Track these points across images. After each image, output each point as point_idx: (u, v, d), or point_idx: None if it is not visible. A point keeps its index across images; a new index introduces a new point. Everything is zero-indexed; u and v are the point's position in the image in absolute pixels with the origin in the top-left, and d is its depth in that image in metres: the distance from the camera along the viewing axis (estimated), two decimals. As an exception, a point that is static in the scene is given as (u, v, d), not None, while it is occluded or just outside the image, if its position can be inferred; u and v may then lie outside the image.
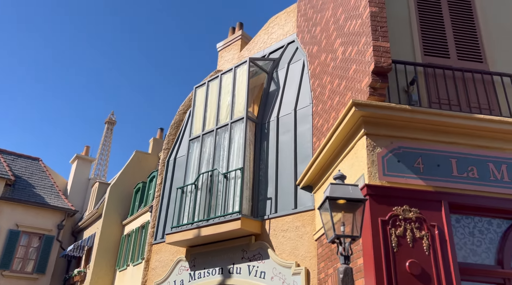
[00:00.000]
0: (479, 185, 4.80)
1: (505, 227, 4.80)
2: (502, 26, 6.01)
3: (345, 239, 3.80)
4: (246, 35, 11.41)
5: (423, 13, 5.96)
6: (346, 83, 5.96)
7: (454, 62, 5.67)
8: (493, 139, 5.02)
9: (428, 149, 4.93)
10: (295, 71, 8.80)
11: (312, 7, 8.48)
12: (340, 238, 3.80)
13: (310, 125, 7.67)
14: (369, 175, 4.73)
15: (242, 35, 11.29)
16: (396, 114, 4.86)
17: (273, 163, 7.86)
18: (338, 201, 3.95)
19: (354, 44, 5.69)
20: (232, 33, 11.79)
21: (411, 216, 4.51)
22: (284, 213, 7.20)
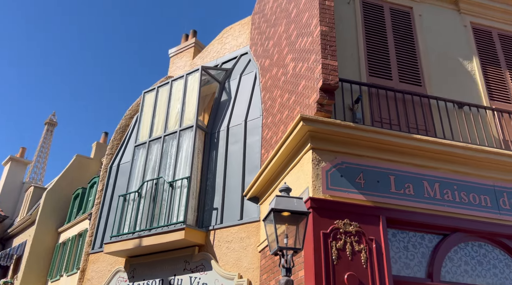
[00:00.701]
0: (414, 201, 5.08)
1: (435, 241, 5.11)
2: (439, 55, 6.48)
3: (288, 251, 3.85)
4: (199, 43, 11.36)
5: (370, 36, 6.28)
6: (295, 98, 6.11)
7: (396, 84, 6.01)
8: (428, 159, 5.35)
9: (369, 165, 5.15)
10: (247, 83, 8.88)
11: (266, 21, 8.64)
12: (282, 250, 3.84)
13: (260, 137, 7.75)
14: (313, 189, 4.85)
15: (196, 43, 11.23)
16: (341, 130, 5.04)
17: (221, 173, 7.82)
18: (283, 213, 4.00)
19: (305, 61, 5.86)
20: (185, 40, 11.69)
21: (351, 229, 4.67)
22: (230, 224, 7.17)
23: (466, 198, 5.26)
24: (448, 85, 6.22)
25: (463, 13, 6.97)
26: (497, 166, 5.50)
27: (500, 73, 6.61)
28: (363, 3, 6.49)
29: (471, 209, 5.20)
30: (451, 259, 5.08)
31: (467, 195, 5.28)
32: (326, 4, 5.60)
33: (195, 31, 11.43)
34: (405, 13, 6.65)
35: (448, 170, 5.37)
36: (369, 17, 6.41)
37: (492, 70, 6.60)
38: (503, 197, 5.39)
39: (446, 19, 6.86)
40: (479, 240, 5.23)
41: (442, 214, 5.09)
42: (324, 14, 5.54)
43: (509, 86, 6.53)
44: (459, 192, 5.27)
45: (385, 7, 6.58)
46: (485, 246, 5.25)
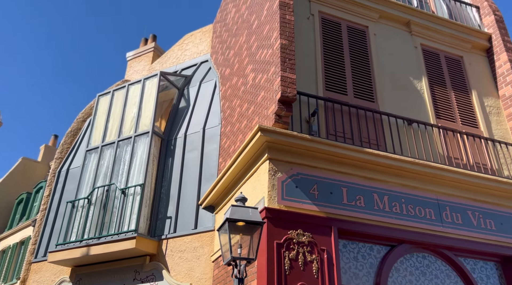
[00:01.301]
0: (365, 213, 5.26)
1: (383, 252, 5.30)
2: (391, 73, 6.80)
3: (241, 262, 3.84)
4: (159, 48, 11.20)
5: (327, 52, 6.48)
6: (254, 108, 6.16)
7: (350, 99, 6.23)
8: (379, 172, 5.57)
9: (323, 177, 5.28)
10: (206, 91, 8.84)
11: (227, 31, 8.69)
12: (236, 260, 3.83)
13: (218, 145, 7.72)
14: (269, 199, 4.89)
15: (155, 47, 11.06)
16: (297, 142, 5.14)
17: (176, 181, 7.69)
18: (238, 223, 4.00)
19: (264, 72, 5.94)
20: (145, 44, 11.48)
21: (304, 240, 4.74)
22: (184, 233, 7.05)
23: (412, 211, 5.51)
24: (399, 102, 6.54)
25: (414, 35, 7.37)
26: (441, 181, 5.82)
27: (446, 93, 7.04)
28: (322, 19, 6.70)
29: (416, 221, 5.46)
30: (397, 269, 5.29)
31: (414, 208, 5.54)
32: (286, 18, 5.73)
33: (154, 35, 11.26)
34: (361, 31, 6.94)
35: (397, 183, 5.61)
36: (327, 33, 6.62)
37: (439, 90, 7.01)
38: (446, 210, 5.70)
39: (399, 39, 7.23)
40: (423, 251, 5.49)
41: (390, 226, 5.30)
42: (284, 28, 5.66)
43: (454, 106, 6.96)
44: (407, 205, 5.52)
45: (342, 25, 6.83)
46: (428, 257, 5.52)
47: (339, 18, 6.87)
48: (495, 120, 7.13)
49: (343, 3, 6.95)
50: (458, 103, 7.02)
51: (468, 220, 5.75)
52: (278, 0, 5.83)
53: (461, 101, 7.07)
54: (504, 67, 7.41)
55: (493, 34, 7.76)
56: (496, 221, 5.90)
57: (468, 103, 7.11)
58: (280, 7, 5.79)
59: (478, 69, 7.61)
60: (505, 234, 5.86)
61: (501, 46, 7.54)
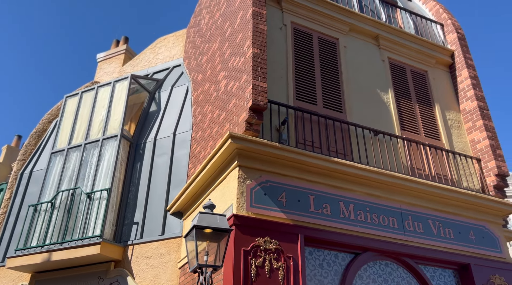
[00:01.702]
0: (331, 221, 5.38)
1: (348, 260, 5.43)
2: (359, 85, 7.00)
3: (207, 269, 3.85)
4: (130, 51, 11.05)
5: (298, 62, 6.61)
6: (225, 115, 6.19)
7: (320, 109, 6.37)
8: (345, 181, 5.71)
9: (292, 185, 5.37)
10: (178, 95, 8.80)
11: (200, 36, 8.70)
12: (202, 267, 3.83)
13: (188, 151, 7.68)
14: (237, 206, 4.92)
15: (127, 49, 10.91)
16: (267, 150, 5.20)
17: (144, 186, 7.59)
18: (205, 230, 4.01)
19: (236, 80, 5.99)
20: (116, 46, 11.31)
21: (271, 247, 4.79)
22: (150, 239, 6.95)
23: (376, 219, 5.68)
24: (366, 113, 6.74)
25: (382, 48, 7.64)
26: (404, 191, 6.03)
27: (411, 106, 7.31)
28: (294, 30, 6.83)
29: (380, 229, 5.62)
30: (360, 277, 5.43)
31: (378, 217, 5.71)
32: (259, 27, 5.82)
33: (126, 37, 11.11)
34: (332, 43, 7.12)
35: (362, 192, 5.77)
36: (299, 44, 6.76)
37: (404, 103, 7.28)
38: (408, 219, 5.91)
39: (367, 52, 7.46)
40: (386, 259, 5.65)
41: (355, 234, 5.43)
42: (257, 37, 5.74)
43: (418, 119, 7.24)
44: (371, 214, 5.68)
45: (314, 36, 6.99)
46: (391, 265, 5.69)
47: (311, 29, 7.03)
48: (456, 133, 7.46)
49: (315, 15, 7.12)
50: (422, 115, 7.31)
51: (428, 229, 5.97)
52: (252, 10, 5.91)
53: (424, 114, 7.36)
54: (465, 82, 7.78)
55: (456, 51, 8.14)
56: (454, 230, 6.16)
57: (431, 116, 7.42)
58: (253, 16, 5.87)
59: (441, 83, 7.96)
60: (463, 243, 6.12)
61: (462, 62, 7.92)
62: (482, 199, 6.40)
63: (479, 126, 7.30)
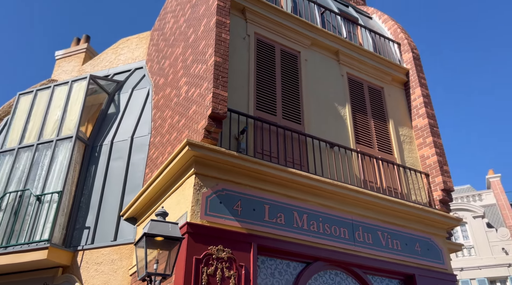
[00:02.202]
0: (284, 230, 5.47)
1: (299, 269, 5.53)
2: (318, 98, 7.19)
3: (156, 277, 3.81)
4: (91, 50, 10.77)
5: (260, 73, 6.71)
6: (185, 121, 6.17)
7: (279, 120, 6.48)
8: (300, 191, 5.83)
9: (248, 194, 5.42)
10: (138, 98, 8.66)
11: (164, 40, 8.63)
12: (151, 276, 3.79)
13: (145, 156, 7.57)
14: (191, 214, 4.91)
15: (87, 48, 10.63)
16: (224, 158, 5.23)
17: (98, 190, 7.39)
18: (156, 238, 3.98)
19: (197, 87, 5.99)
20: (76, 44, 10.98)
21: (223, 256, 4.81)
22: (102, 244, 6.77)
23: (328, 230, 5.83)
24: (323, 126, 6.92)
25: (342, 64, 7.89)
26: (356, 203, 6.24)
27: (366, 121, 7.59)
28: (257, 40, 6.94)
29: (331, 240, 5.78)
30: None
31: (330, 227, 5.87)
32: (222, 36, 5.87)
33: (88, 36, 10.82)
34: (294, 56, 7.28)
35: (316, 203, 5.92)
36: (261, 55, 6.86)
37: (360, 117, 7.55)
38: (359, 230, 6.11)
39: (327, 67, 7.69)
40: (336, 269, 5.81)
41: (307, 244, 5.55)
42: (219, 46, 5.78)
43: (372, 133, 7.53)
44: (323, 224, 5.83)
45: (276, 48, 7.12)
46: (340, 274, 5.86)
47: (273, 41, 7.16)
48: (408, 148, 7.82)
49: (278, 28, 7.27)
50: (376, 130, 7.61)
51: (377, 240, 6.20)
52: (215, 18, 5.96)
53: (379, 128, 7.67)
54: (418, 100, 8.18)
55: (411, 70, 8.55)
56: (402, 242, 6.43)
57: (385, 131, 7.73)
58: (217, 25, 5.91)
59: (396, 100, 8.32)
60: (409, 254, 6.40)
61: (416, 81, 8.32)
62: (428, 212, 6.73)
63: (429, 142, 7.68)
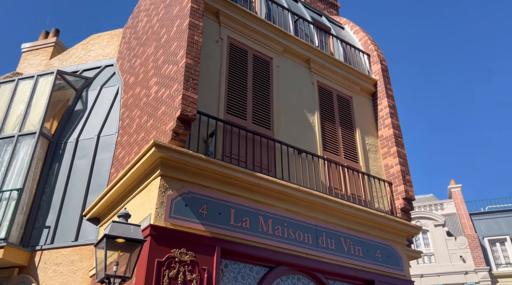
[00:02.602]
0: (249, 235, 5.50)
1: (262, 273, 5.57)
2: (288, 104, 7.29)
3: (115, 280, 3.75)
4: (60, 44, 10.48)
5: (232, 77, 6.73)
6: (153, 122, 6.11)
7: (249, 125, 6.52)
8: (266, 196, 5.88)
9: (214, 197, 5.42)
10: (107, 96, 8.49)
11: (136, 39, 8.52)
12: (110, 278, 3.73)
13: (111, 155, 7.43)
14: (155, 216, 4.86)
15: (56, 42, 10.33)
16: (192, 161, 5.22)
17: (61, 188, 7.19)
18: (117, 239, 3.91)
19: (167, 87, 5.95)
20: (45, 37, 10.65)
21: (186, 259, 4.78)
22: (62, 244, 6.59)
23: (293, 235, 5.91)
24: (292, 132, 7.02)
25: (313, 72, 8.03)
26: (321, 209, 6.34)
27: (334, 129, 7.75)
28: (230, 44, 6.96)
29: (295, 245, 5.85)
30: (273, 290, 5.59)
31: (294, 232, 5.94)
32: (194, 39, 5.86)
33: (57, 30, 10.52)
34: (266, 62, 7.36)
35: (281, 208, 5.98)
36: (234, 59, 6.89)
37: (328, 125, 7.70)
38: (322, 236, 6.22)
39: (298, 74, 7.81)
40: (298, 273, 5.89)
41: (271, 248, 5.60)
42: (191, 48, 5.77)
43: (339, 141, 7.69)
44: (288, 229, 5.90)
45: (249, 53, 7.17)
46: (303, 279, 5.94)
47: (246, 46, 7.21)
48: (373, 157, 8.03)
49: (252, 33, 7.32)
50: (344, 138, 7.78)
51: (340, 246, 6.33)
52: (188, 20, 5.95)
53: (346, 137, 7.84)
54: (384, 111, 8.43)
55: (379, 81, 8.79)
56: (363, 248, 6.59)
57: (352, 140, 7.92)
58: (190, 27, 5.90)
59: (364, 110, 8.54)
60: (370, 261, 6.57)
61: (383, 92, 8.57)
62: (390, 220, 6.93)
63: (393, 152, 7.92)
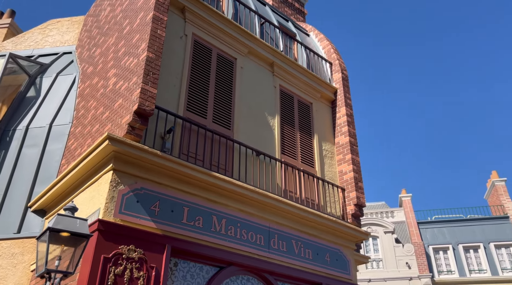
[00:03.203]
0: (201, 234, 5.46)
1: (212, 273, 5.55)
2: (250, 106, 7.32)
3: (56, 275, 3.61)
4: (15, 26, 9.96)
5: (194, 74, 6.67)
6: (109, 114, 5.94)
7: (209, 124, 6.49)
8: (222, 196, 5.87)
9: (167, 194, 5.34)
10: (62, 84, 8.16)
11: (98, 27, 8.25)
12: (50, 273, 3.58)
13: (63, 145, 7.15)
14: (105, 211, 4.72)
15: (11, 24, 9.81)
16: (146, 156, 5.11)
17: (5, 177, 6.83)
18: (61, 233, 3.77)
19: (126, 80, 5.81)
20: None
21: (134, 256, 4.68)
22: (3, 236, 6.25)
23: (245, 235, 5.93)
24: (252, 134, 7.05)
25: (276, 75, 8.12)
26: (275, 211, 6.42)
27: (293, 133, 7.87)
28: (194, 41, 6.90)
29: (247, 245, 5.88)
30: (222, 290, 5.59)
31: (247, 233, 5.97)
32: (157, 32, 5.76)
33: (13, 11, 9.99)
34: (230, 62, 7.35)
35: (236, 208, 5.99)
36: (197, 56, 6.84)
37: (288, 129, 7.81)
38: (274, 238, 6.29)
39: (262, 77, 7.87)
40: (248, 274, 5.92)
41: (222, 248, 5.59)
42: (153, 42, 5.67)
43: (297, 145, 7.82)
44: (241, 230, 5.92)
45: (213, 52, 7.14)
46: (252, 280, 5.97)
47: (211, 44, 7.18)
48: (328, 163, 8.23)
49: (217, 32, 7.30)
50: (302, 143, 7.91)
51: (291, 248, 6.43)
52: (152, 13, 5.84)
53: (304, 141, 7.98)
54: (342, 119, 8.66)
55: (339, 89, 9.03)
56: (313, 251, 6.73)
57: (310, 145, 8.07)
58: (153, 20, 5.80)
59: (323, 116, 8.73)
60: (319, 264, 6.72)
61: (342, 100, 8.81)
62: (340, 225, 7.12)
63: (348, 159, 8.16)
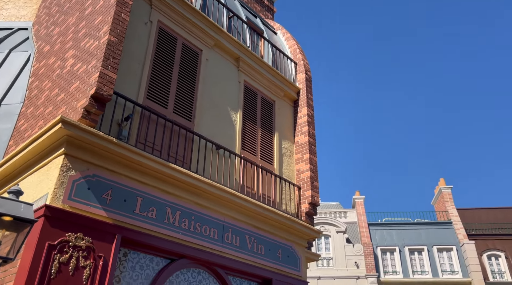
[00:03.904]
0: (154, 225, 5.37)
1: (162, 265, 5.48)
2: (213, 99, 7.28)
3: (-5, 261, 3.43)
4: (-33, -4, 9.31)
5: (157, 62, 6.54)
6: (64, 97, 5.69)
7: (169, 114, 6.38)
8: (177, 187, 5.80)
9: (121, 183, 5.20)
10: (15, 61, 7.73)
11: (58, 5, 7.88)
12: (-12, 259, 3.40)
13: (12, 126, 6.79)
14: (53, 196, 4.53)
15: (-38, -7, 9.16)
16: (101, 143, 4.95)
17: None
18: (3, 217, 3.59)
19: (85, 62, 5.59)
20: (-51, -16, 9.38)
21: (81, 244, 4.53)
22: None
23: (199, 229, 5.90)
24: (213, 127, 7.01)
25: (241, 71, 8.12)
26: (231, 205, 6.42)
27: (254, 129, 7.90)
28: (160, 29, 6.76)
29: (201, 239, 5.85)
30: (171, 282, 5.53)
31: (201, 226, 5.94)
32: (121, 16, 5.58)
33: (-35, -21, 9.33)
34: (195, 53, 7.26)
35: (191, 201, 5.94)
36: (161, 44, 6.70)
37: (249, 125, 7.83)
38: (228, 232, 6.30)
39: (227, 71, 7.83)
40: (199, 267, 5.90)
41: (175, 240, 5.53)
42: (116, 25, 5.49)
43: (258, 142, 7.86)
44: (195, 223, 5.88)
45: (178, 41, 7.02)
46: (203, 273, 5.96)
47: (176, 33, 7.05)
48: (287, 161, 8.34)
49: (184, 21, 7.18)
50: (262, 140, 7.97)
51: (244, 243, 6.47)
52: (117, -4, 5.65)
53: (264, 138, 8.04)
54: (303, 119, 8.80)
55: (302, 90, 9.16)
56: (266, 247, 6.81)
57: (270, 142, 8.14)
58: (118, 3, 5.61)
59: (285, 115, 8.83)
60: (270, 259, 6.80)
61: (304, 101, 8.95)
62: (294, 222, 7.24)
63: (306, 158, 8.30)
